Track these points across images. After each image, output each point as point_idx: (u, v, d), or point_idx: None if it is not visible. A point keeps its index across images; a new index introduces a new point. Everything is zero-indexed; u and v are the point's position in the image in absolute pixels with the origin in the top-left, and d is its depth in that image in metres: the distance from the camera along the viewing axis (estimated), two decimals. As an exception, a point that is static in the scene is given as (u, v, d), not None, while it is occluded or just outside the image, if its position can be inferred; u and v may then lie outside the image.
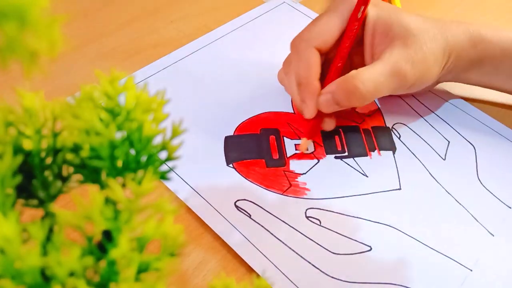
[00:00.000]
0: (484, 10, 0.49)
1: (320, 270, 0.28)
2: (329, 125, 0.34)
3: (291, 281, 0.27)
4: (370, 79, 0.30)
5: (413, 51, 0.31)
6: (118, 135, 0.17)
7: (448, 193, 0.33)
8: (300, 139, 0.35)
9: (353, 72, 0.31)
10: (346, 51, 0.33)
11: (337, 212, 0.31)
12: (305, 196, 0.32)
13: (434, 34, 0.32)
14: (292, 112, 0.37)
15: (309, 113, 0.32)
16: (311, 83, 0.32)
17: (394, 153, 0.35)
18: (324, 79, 0.33)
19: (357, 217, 0.31)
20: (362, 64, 0.34)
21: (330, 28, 0.32)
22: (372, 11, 0.33)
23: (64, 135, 0.17)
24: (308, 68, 0.32)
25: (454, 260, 0.29)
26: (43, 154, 0.17)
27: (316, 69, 0.32)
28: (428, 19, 0.33)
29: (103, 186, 0.17)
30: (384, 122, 0.37)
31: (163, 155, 0.18)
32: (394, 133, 0.36)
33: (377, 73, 0.31)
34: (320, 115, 0.33)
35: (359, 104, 0.32)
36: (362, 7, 0.32)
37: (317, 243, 0.29)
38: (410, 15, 0.33)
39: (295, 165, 0.33)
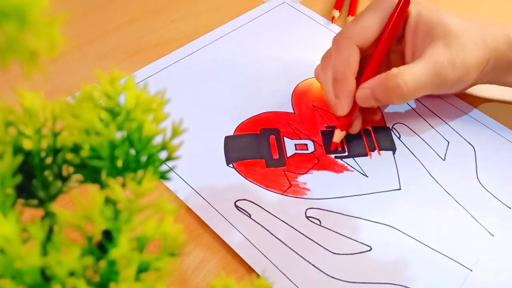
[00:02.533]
0: (484, 10, 0.49)
1: (320, 270, 0.28)
2: (355, 128, 0.34)
3: (291, 281, 0.27)
4: (412, 78, 0.31)
5: (455, 52, 0.31)
6: (118, 135, 0.17)
7: (448, 193, 0.33)
8: (300, 138, 0.35)
9: (395, 70, 0.31)
10: (386, 49, 0.33)
11: (337, 212, 0.31)
12: (305, 196, 0.32)
13: (474, 37, 0.32)
14: (292, 112, 0.37)
15: (341, 109, 0.33)
16: (348, 79, 0.32)
17: (394, 153, 0.35)
18: (360, 76, 0.33)
19: (357, 217, 0.31)
20: (400, 62, 0.34)
21: (371, 26, 0.32)
22: (414, 9, 0.33)
23: (64, 135, 0.17)
24: (347, 64, 0.32)
25: (454, 260, 0.29)
26: (43, 154, 0.17)
27: (354, 66, 0.32)
28: (469, 21, 0.33)
29: (103, 186, 0.17)
30: (384, 122, 0.37)
31: (163, 155, 0.18)
32: (394, 133, 0.36)
33: (419, 72, 0.31)
34: (350, 113, 0.33)
35: (397, 102, 0.32)
36: (402, 4, 0.32)
37: (317, 243, 0.29)
38: (451, 15, 0.33)
39: (295, 165, 0.33)
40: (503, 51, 0.33)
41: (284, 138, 0.35)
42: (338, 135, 0.34)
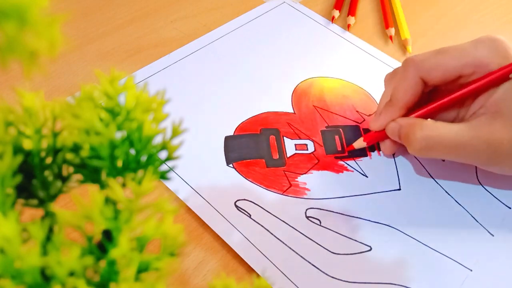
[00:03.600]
0: (484, 10, 0.49)
1: (320, 270, 0.28)
2: (386, 148, 0.33)
3: (291, 281, 0.27)
4: (430, 135, 0.28)
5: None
6: (118, 135, 0.17)
7: (448, 193, 0.33)
8: (300, 138, 0.35)
9: (425, 122, 0.29)
10: (447, 102, 0.30)
11: (337, 212, 0.31)
12: (305, 196, 0.32)
13: None
14: (292, 112, 0.37)
15: (374, 125, 0.32)
16: (397, 108, 0.31)
17: (394, 153, 0.35)
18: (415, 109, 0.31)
19: (357, 217, 0.31)
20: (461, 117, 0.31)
21: (450, 67, 0.30)
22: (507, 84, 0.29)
23: (64, 135, 0.17)
24: (404, 93, 0.31)
25: (454, 260, 0.29)
26: (43, 154, 0.17)
27: (409, 99, 0.31)
28: None
29: (103, 186, 0.17)
30: (384, 122, 0.37)
31: (163, 155, 0.18)
32: (394, 133, 0.36)
33: (451, 134, 0.28)
34: (383, 134, 0.32)
35: (413, 152, 0.30)
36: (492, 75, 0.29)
37: (317, 243, 0.29)
38: None
39: (295, 165, 0.33)
40: None
41: (284, 138, 0.35)
42: (359, 143, 0.34)
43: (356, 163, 0.34)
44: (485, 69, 0.29)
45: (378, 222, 0.31)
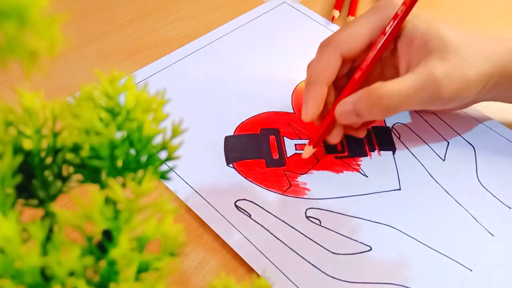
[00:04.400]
0: (484, 10, 0.49)
1: (320, 270, 0.28)
2: (335, 138, 0.32)
3: (291, 281, 0.27)
4: (396, 92, 0.29)
5: (452, 66, 0.30)
6: (118, 135, 0.17)
7: (448, 193, 0.33)
8: (300, 138, 0.35)
9: (379, 83, 0.29)
10: (369, 64, 0.31)
11: (337, 212, 0.31)
12: (305, 196, 0.32)
13: (476, 51, 0.30)
14: (292, 112, 0.37)
15: (306, 115, 0.31)
16: (318, 85, 0.31)
17: (394, 153, 0.35)
18: (343, 89, 0.32)
19: (357, 217, 0.31)
20: (396, 76, 0.32)
21: (359, 35, 0.31)
22: (410, 21, 0.31)
23: (64, 135, 0.17)
24: (322, 70, 0.31)
25: (454, 260, 0.29)
26: (43, 154, 0.17)
27: (329, 73, 0.30)
28: (470, 34, 0.31)
29: (103, 186, 0.17)
30: (384, 122, 0.37)
31: (163, 155, 0.18)
32: (394, 133, 0.36)
33: (406, 85, 0.29)
34: (329, 125, 0.32)
35: (382, 116, 0.30)
36: (392, 21, 0.30)
37: (317, 243, 0.29)
38: (452, 28, 0.31)
39: (295, 165, 0.33)
40: (507, 67, 0.31)
41: (284, 138, 0.35)
42: (307, 151, 0.33)
43: (356, 163, 0.34)
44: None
45: (378, 222, 0.31)
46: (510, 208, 0.32)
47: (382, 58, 0.33)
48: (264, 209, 0.31)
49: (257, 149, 0.34)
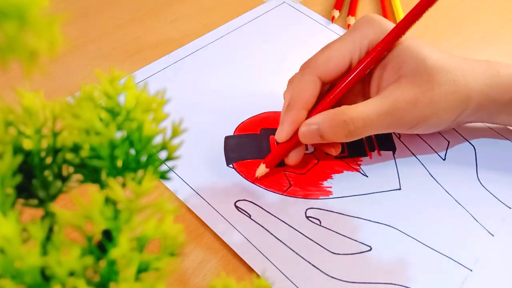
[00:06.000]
0: (484, 10, 0.49)
1: (320, 270, 0.28)
2: (292, 159, 0.32)
3: (291, 281, 0.27)
4: (359, 116, 0.28)
5: (420, 92, 0.29)
6: (118, 135, 0.17)
7: (448, 193, 0.33)
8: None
9: (344, 107, 0.29)
10: (339, 92, 0.30)
11: (337, 212, 0.31)
12: (313, 197, 0.32)
13: (454, 76, 0.29)
14: (292, 112, 0.37)
15: (280, 137, 0.30)
16: (295, 109, 0.30)
17: (394, 153, 0.35)
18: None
19: (357, 217, 0.31)
20: (369, 96, 0.31)
21: (336, 57, 0.31)
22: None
23: (64, 135, 0.17)
24: (300, 94, 0.30)
25: (454, 260, 0.29)
26: (43, 154, 0.17)
27: (307, 98, 0.30)
28: (453, 58, 0.30)
29: (103, 186, 0.17)
30: (384, 122, 0.37)
31: (163, 155, 0.18)
32: (394, 133, 0.36)
33: (369, 110, 0.29)
34: (288, 147, 0.31)
35: (346, 139, 0.30)
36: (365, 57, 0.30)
37: (317, 243, 0.29)
38: (433, 50, 0.30)
39: (295, 165, 0.33)
40: (487, 92, 0.30)
41: (284, 138, 0.35)
42: (260, 170, 0.32)
43: (356, 163, 0.34)
44: (369, 47, 0.31)
45: (378, 222, 0.31)
46: (510, 208, 0.32)
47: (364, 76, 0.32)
48: (264, 209, 0.31)
49: (257, 149, 0.34)
